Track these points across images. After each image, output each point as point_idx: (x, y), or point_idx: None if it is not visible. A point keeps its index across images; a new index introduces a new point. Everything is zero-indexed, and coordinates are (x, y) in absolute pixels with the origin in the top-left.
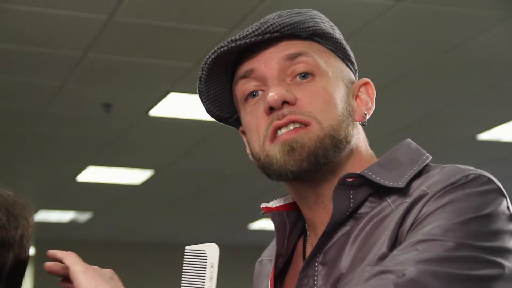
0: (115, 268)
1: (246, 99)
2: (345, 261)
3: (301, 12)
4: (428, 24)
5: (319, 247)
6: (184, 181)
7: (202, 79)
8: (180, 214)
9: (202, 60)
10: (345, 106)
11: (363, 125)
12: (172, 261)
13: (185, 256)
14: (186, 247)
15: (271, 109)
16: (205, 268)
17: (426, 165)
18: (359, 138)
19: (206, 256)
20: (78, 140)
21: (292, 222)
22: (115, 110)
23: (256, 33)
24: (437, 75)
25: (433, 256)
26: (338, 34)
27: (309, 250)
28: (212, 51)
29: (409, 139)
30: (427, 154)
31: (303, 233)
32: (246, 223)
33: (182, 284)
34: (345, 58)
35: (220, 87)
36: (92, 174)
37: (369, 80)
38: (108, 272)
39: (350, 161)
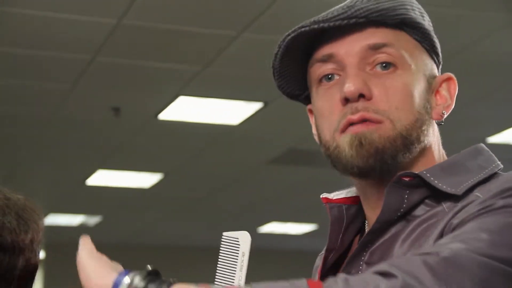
0: None
1: (320, 81)
2: None
3: None
4: (436, 26)
5: (365, 245)
6: (193, 185)
7: (278, 56)
8: (189, 217)
9: (211, 63)
10: (423, 104)
11: (439, 124)
12: (181, 264)
13: (221, 242)
14: (224, 233)
15: (346, 100)
16: (237, 256)
17: (495, 173)
18: (433, 137)
19: (239, 244)
20: (87, 143)
21: (350, 216)
22: (124, 113)
23: (342, 16)
24: None
25: (474, 247)
26: (427, 23)
27: None
28: (293, 29)
29: (482, 144)
30: (498, 162)
31: (362, 229)
32: (255, 226)
33: (217, 271)
34: (431, 49)
35: (294, 65)
36: (102, 178)
37: (453, 76)
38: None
39: (421, 161)
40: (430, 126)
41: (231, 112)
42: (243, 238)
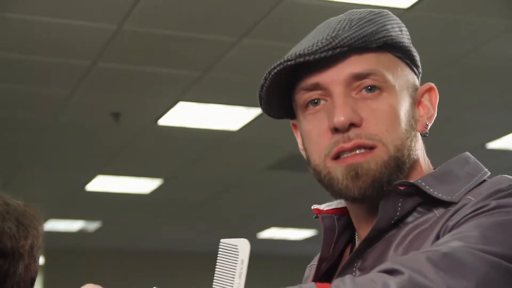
0: (123, 277)
1: (306, 106)
2: None
3: (372, 20)
4: (436, 32)
5: (359, 252)
6: (193, 190)
7: (264, 87)
8: (189, 223)
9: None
10: (408, 121)
11: (424, 135)
12: (181, 269)
13: (219, 249)
14: (221, 240)
15: (336, 130)
16: (236, 263)
17: (483, 180)
18: (419, 149)
19: (238, 252)
20: (87, 149)
21: (341, 226)
22: (124, 119)
23: (326, 47)
24: (445, 83)
25: (472, 244)
26: (406, 39)
27: None
28: (278, 62)
29: (467, 153)
30: (486, 169)
31: (352, 239)
32: (255, 232)
33: (214, 279)
34: (411, 63)
35: (278, 91)
36: (101, 183)
37: (433, 85)
38: None
39: (411, 173)
40: (416, 140)
41: (231, 117)
42: (242, 246)
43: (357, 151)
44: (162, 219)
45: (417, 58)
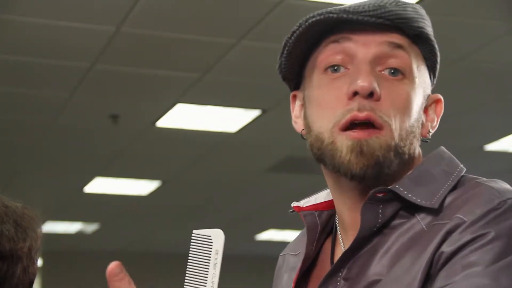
0: None
1: (325, 70)
2: (368, 278)
3: (415, 8)
4: (436, 34)
5: (344, 262)
6: (191, 192)
7: (295, 35)
8: (187, 224)
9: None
10: (418, 118)
11: (425, 141)
12: (179, 272)
13: (191, 240)
14: (194, 231)
15: (354, 94)
16: (210, 253)
17: (461, 177)
18: (417, 150)
19: (211, 242)
20: (85, 151)
21: (322, 222)
22: (122, 121)
23: (372, 13)
24: (444, 85)
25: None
26: (436, 43)
27: (338, 251)
28: (318, 12)
29: (442, 147)
30: (461, 165)
31: (331, 232)
32: (253, 234)
33: (187, 270)
34: (431, 68)
35: (301, 49)
36: (100, 185)
37: (441, 98)
38: None
39: (404, 173)
40: (417, 140)
41: (229, 119)
42: (216, 236)
43: (366, 129)
44: (161, 221)
45: (438, 68)
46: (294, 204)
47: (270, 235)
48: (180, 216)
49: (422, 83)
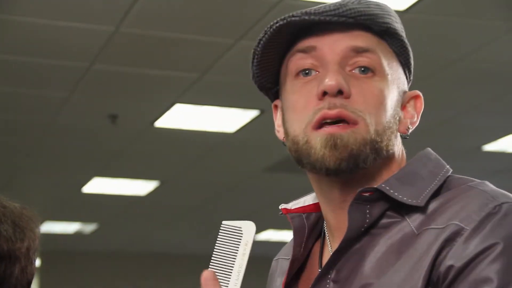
0: (120, 279)
1: (297, 74)
2: (359, 281)
3: (379, 5)
4: (433, 35)
5: (332, 264)
6: (190, 192)
7: (262, 42)
8: (186, 225)
9: (207, 71)
10: (393, 114)
11: (404, 138)
12: (177, 272)
13: (220, 231)
14: (223, 222)
15: (324, 94)
16: (238, 244)
17: (447, 177)
18: (397, 149)
19: (242, 233)
20: (84, 151)
21: (310, 225)
22: (121, 121)
23: (333, 13)
24: (442, 86)
25: None
26: (405, 38)
27: (326, 253)
28: (282, 17)
29: (429, 149)
30: (447, 166)
31: (320, 235)
32: None
33: (212, 258)
34: (405, 64)
35: (272, 56)
36: (98, 185)
37: (420, 94)
38: None
39: (386, 171)
40: (395, 137)
41: (228, 119)
42: (247, 228)
43: (340, 124)
44: (159, 221)
45: (412, 63)
46: (282, 206)
47: (268, 235)
48: (179, 216)
49: (396, 79)
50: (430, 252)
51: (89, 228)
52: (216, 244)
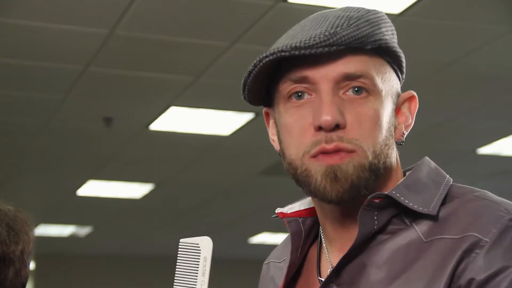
0: (115, 282)
1: (289, 97)
2: (365, 286)
3: (369, 21)
4: (428, 37)
5: (339, 269)
6: (185, 195)
7: (252, 74)
8: (180, 228)
9: (202, 74)
10: (389, 128)
11: (400, 144)
12: (173, 274)
13: (179, 249)
14: (181, 240)
15: (320, 128)
16: (198, 260)
17: (450, 186)
18: (394, 157)
19: (199, 250)
20: (78, 154)
21: (307, 229)
22: (115, 124)
23: (324, 44)
24: (437, 88)
25: None
26: (396, 42)
27: (323, 260)
28: (271, 51)
29: (427, 158)
30: (448, 176)
31: (315, 239)
32: (247, 237)
33: (175, 278)
34: (398, 69)
35: (261, 80)
36: (93, 188)
37: (415, 94)
38: None
39: (384, 182)
40: (393, 148)
41: (222, 122)
42: (204, 243)
43: (338, 153)
44: (154, 224)
45: (404, 64)
46: (278, 210)
47: (263, 238)
48: (173, 219)
49: (389, 91)
50: (448, 264)
51: (84, 231)
52: (177, 263)
